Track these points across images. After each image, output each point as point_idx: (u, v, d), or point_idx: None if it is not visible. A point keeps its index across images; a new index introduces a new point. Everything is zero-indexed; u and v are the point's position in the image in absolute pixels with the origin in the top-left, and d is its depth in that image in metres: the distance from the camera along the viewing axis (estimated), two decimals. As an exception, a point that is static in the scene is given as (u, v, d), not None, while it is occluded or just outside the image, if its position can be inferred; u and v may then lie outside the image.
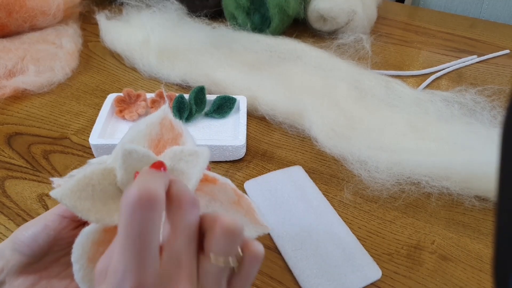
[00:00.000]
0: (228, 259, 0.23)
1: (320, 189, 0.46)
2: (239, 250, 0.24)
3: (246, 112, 0.53)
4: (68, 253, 0.25)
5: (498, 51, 0.73)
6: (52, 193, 0.23)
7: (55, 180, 0.25)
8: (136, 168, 0.24)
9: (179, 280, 0.22)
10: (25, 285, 0.27)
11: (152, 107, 0.55)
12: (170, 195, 0.23)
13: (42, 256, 0.28)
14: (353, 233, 0.41)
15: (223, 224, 0.23)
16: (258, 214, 0.28)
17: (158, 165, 0.24)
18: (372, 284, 0.37)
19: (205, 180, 0.27)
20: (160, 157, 0.26)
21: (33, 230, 0.27)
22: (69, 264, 0.25)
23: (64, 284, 0.28)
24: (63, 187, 0.24)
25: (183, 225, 0.23)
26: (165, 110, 0.29)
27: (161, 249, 0.22)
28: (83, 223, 0.28)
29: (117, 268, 0.21)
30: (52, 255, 0.28)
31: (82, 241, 0.25)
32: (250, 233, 0.28)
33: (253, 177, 0.47)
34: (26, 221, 0.40)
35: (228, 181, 0.28)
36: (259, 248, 0.24)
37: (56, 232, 0.27)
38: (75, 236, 0.25)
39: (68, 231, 0.28)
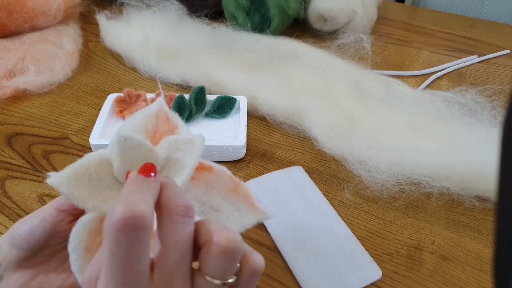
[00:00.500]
0: (225, 279, 0.21)
1: (320, 189, 0.46)
2: (238, 265, 0.22)
3: (246, 112, 0.53)
4: (65, 248, 0.25)
5: (499, 51, 0.73)
6: (49, 181, 0.23)
7: (52, 175, 0.25)
8: (132, 157, 0.24)
9: None
10: (22, 280, 0.27)
11: (152, 107, 0.55)
12: (160, 204, 0.21)
13: (39, 250, 0.28)
14: (353, 233, 0.41)
15: (220, 244, 0.21)
16: (257, 201, 0.28)
17: (148, 169, 0.23)
18: (372, 284, 0.37)
19: (200, 168, 0.28)
20: (156, 148, 0.27)
21: (30, 224, 0.27)
22: (66, 259, 0.25)
23: (61, 279, 0.28)
24: (60, 175, 0.24)
25: (174, 239, 0.21)
26: (161, 102, 0.29)
27: (152, 265, 0.21)
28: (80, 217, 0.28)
29: None
30: (49, 249, 0.28)
31: (79, 230, 0.25)
32: (249, 220, 0.27)
33: (253, 177, 0.47)
34: (26, 221, 0.40)
35: (224, 168, 0.28)
36: (259, 261, 0.23)
37: (53, 225, 0.27)
38: (72, 229, 0.25)
39: (65, 224, 0.28)
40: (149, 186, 0.21)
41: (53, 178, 0.24)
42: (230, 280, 0.21)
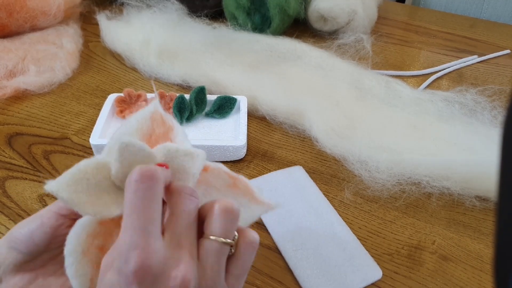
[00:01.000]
0: (226, 237, 0.25)
1: (320, 189, 0.46)
2: (236, 234, 0.26)
3: (246, 112, 0.53)
4: None
5: (499, 51, 0.73)
6: (47, 187, 0.23)
7: (49, 181, 0.25)
8: (132, 161, 0.24)
9: (181, 260, 0.23)
10: (22, 283, 0.27)
11: (152, 107, 0.55)
12: (170, 189, 0.25)
13: (39, 254, 0.27)
14: (353, 233, 0.41)
15: (221, 204, 0.25)
16: (258, 193, 0.28)
17: (161, 164, 0.26)
18: (372, 284, 0.37)
19: None
20: (154, 151, 0.27)
21: (29, 228, 0.27)
22: None
23: (61, 282, 0.28)
24: (58, 181, 0.23)
25: (182, 210, 0.24)
26: (155, 104, 0.29)
27: (162, 232, 0.24)
28: None
29: (122, 247, 0.22)
30: (48, 252, 0.28)
31: (77, 232, 0.25)
32: (254, 213, 0.28)
33: (253, 177, 0.47)
34: (27, 221, 0.40)
35: (220, 165, 0.28)
36: (255, 235, 0.26)
37: (53, 229, 0.27)
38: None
39: (64, 228, 0.28)
40: (162, 170, 0.25)
41: (52, 184, 0.23)
42: (230, 241, 0.25)
